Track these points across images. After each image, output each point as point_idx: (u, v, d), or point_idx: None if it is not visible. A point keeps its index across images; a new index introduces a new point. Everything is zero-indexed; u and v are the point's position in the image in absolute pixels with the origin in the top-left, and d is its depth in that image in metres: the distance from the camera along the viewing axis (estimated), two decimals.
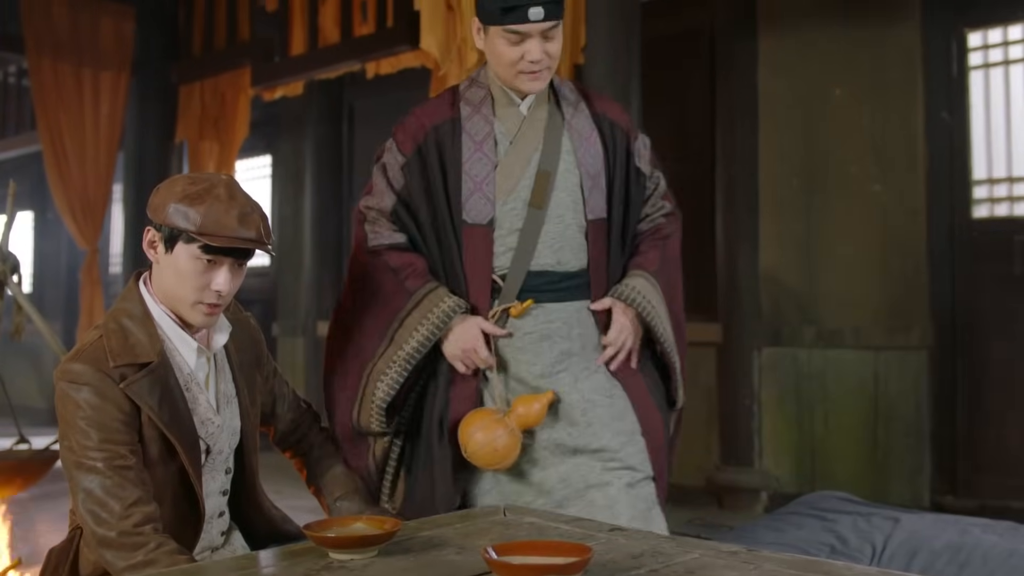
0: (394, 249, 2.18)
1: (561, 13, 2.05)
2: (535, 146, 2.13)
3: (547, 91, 2.17)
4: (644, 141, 2.30)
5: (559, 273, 2.13)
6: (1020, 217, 4.27)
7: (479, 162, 2.11)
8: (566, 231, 2.13)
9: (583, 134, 2.17)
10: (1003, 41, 4.34)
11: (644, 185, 2.26)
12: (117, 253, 8.51)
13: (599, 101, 2.24)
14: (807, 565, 1.47)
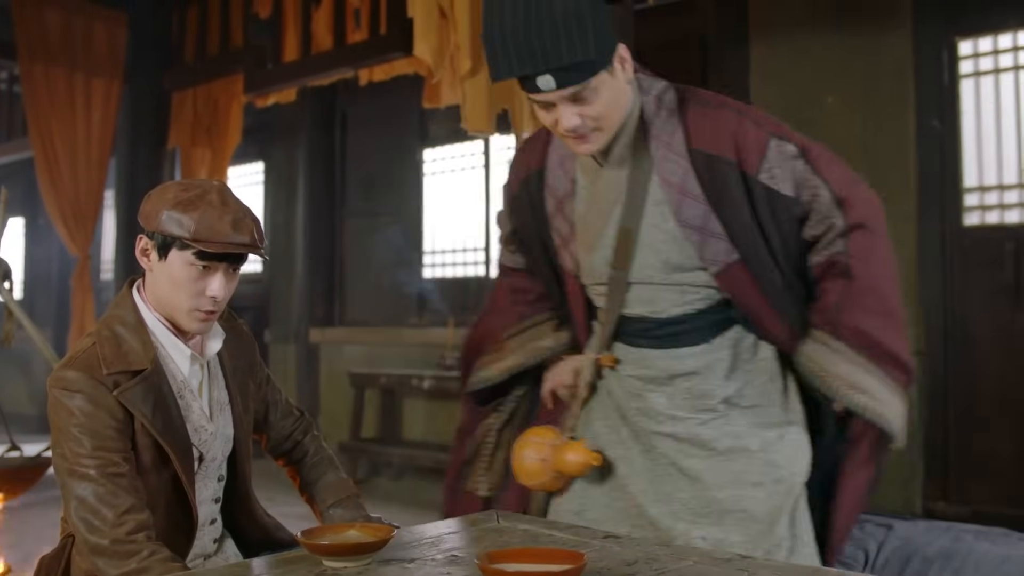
0: (514, 271, 2.15)
1: (590, 73, 1.70)
2: (615, 199, 1.87)
3: (635, 126, 1.85)
4: (779, 155, 1.81)
5: (655, 320, 1.92)
6: (1010, 225, 4.29)
7: (561, 222, 1.98)
8: (655, 288, 1.90)
9: (673, 182, 1.82)
10: (993, 50, 4.36)
11: (792, 207, 1.81)
12: (109, 260, 8.49)
13: (697, 126, 1.82)
14: (801, 572, 1.48)
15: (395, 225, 6.85)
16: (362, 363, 6.74)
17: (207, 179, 1.82)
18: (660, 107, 1.85)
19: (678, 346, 1.90)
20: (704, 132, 1.80)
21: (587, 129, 1.76)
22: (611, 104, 1.76)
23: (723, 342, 1.90)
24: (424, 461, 6.04)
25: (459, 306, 6.37)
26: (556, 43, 1.65)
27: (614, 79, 1.75)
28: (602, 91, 1.73)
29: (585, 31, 1.64)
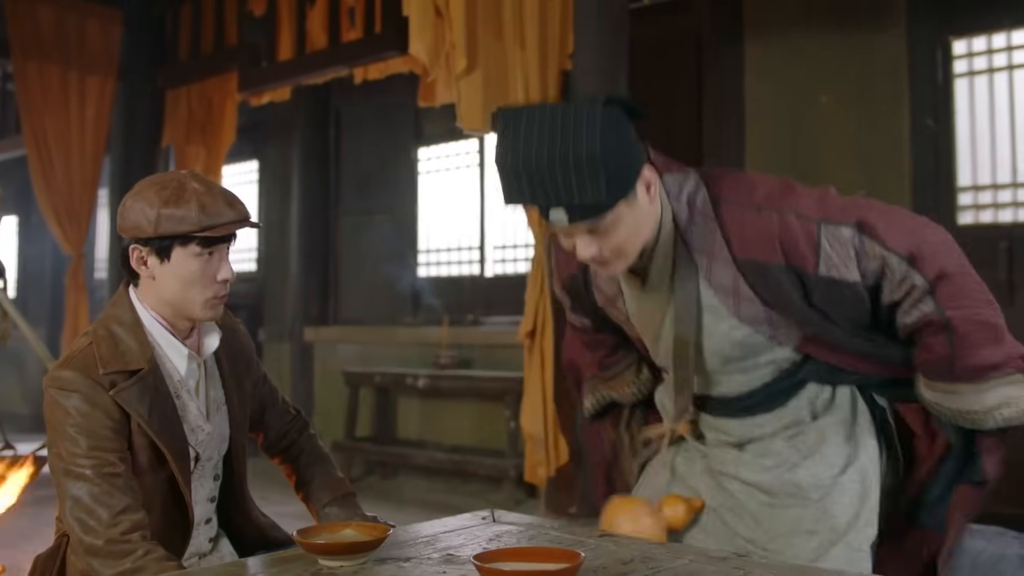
0: (583, 330, 2.12)
1: (605, 208, 1.62)
2: (665, 308, 1.82)
3: (671, 238, 1.77)
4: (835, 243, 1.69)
5: (725, 398, 1.89)
6: (1005, 224, 4.30)
7: (616, 312, 1.94)
8: (719, 375, 1.86)
9: (726, 287, 1.75)
10: (987, 49, 4.37)
11: (859, 288, 1.71)
12: (103, 258, 8.47)
13: (739, 235, 1.72)
14: (797, 572, 1.48)
15: (390, 224, 6.85)
16: (357, 362, 6.74)
17: (169, 172, 1.82)
18: (693, 212, 1.75)
19: (754, 415, 1.88)
20: (746, 240, 1.72)
21: (606, 258, 1.70)
22: (631, 233, 1.68)
23: (800, 403, 1.87)
24: (419, 460, 6.04)
25: (454, 305, 6.37)
26: (568, 182, 1.59)
27: (634, 208, 1.67)
28: (620, 222, 1.66)
29: (598, 174, 1.58)
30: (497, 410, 5.72)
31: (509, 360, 5.74)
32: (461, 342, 6.17)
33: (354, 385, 6.45)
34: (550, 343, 4.76)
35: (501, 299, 6.16)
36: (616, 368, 2.10)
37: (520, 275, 6.00)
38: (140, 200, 1.74)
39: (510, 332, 5.63)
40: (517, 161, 1.61)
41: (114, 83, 7.05)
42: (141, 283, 1.79)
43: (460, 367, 6.07)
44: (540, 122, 1.60)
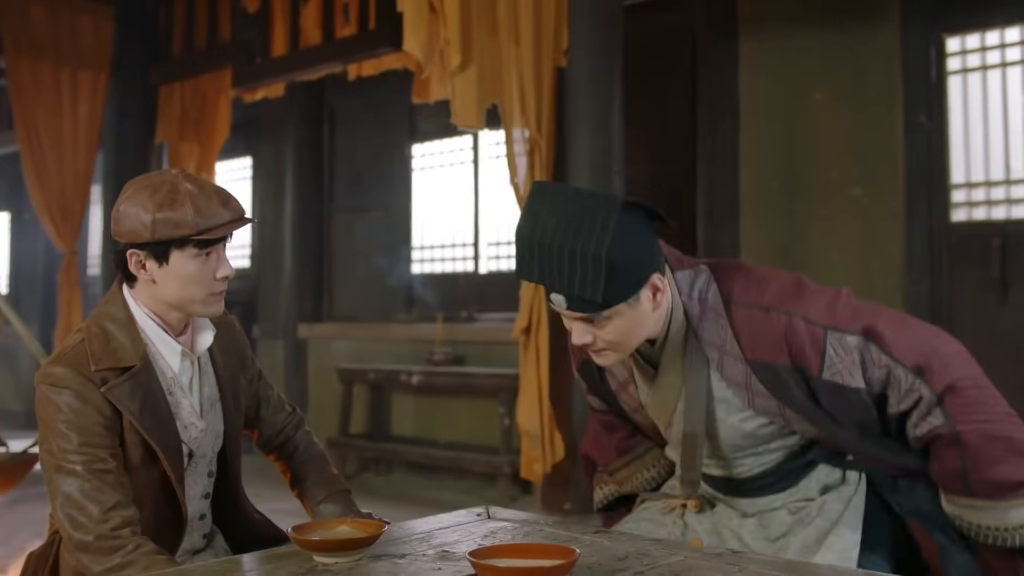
0: (602, 412, 2.15)
1: (604, 307, 1.66)
2: (676, 398, 1.84)
3: (682, 327, 1.80)
4: (840, 350, 1.71)
5: (736, 479, 1.90)
6: (998, 221, 4.31)
7: (627, 398, 1.97)
8: (730, 462, 1.89)
9: (738, 382, 1.77)
10: (981, 46, 4.38)
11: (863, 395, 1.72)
12: (96, 255, 8.45)
13: (747, 335, 1.75)
14: (791, 567, 1.48)
15: (384, 220, 6.84)
16: (351, 359, 6.73)
17: (159, 172, 1.80)
18: (705, 308, 1.78)
19: (765, 495, 1.88)
20: (755, 340, 1.74)
21: (599, 348, 1.74)
22: (627, 331, 1.72)
23: (810, 484, 1.87)
24: (413, 457, 6.04)
25: (448, 301, 6.37)
26: (571, 275, 1.64)
27: (635, 309, 1.70)
28: (616, 320, 1.70)
29: (599, 277, 1.62)
30: (491, 407, 5.72)
31: (503, 357, 5.74)
32: (455, 339, 6.16)
33: (348, 382, 6.44)
34: (545, 340, 4.76)
35: (495, 296, 6.15)
36: (635, 452, 2.12)
37: (514, 272, 5.99)
38: (134, 205, 1.73)
39: (504, 329, 5.63)
40: (532, 239, 1.67)
41: (107, 79, 7.03)
42: (139, 285, 1.79)
43: (454, 364, 6.07)
44: (562, 207, 1.66)
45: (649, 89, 5.29)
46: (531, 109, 4.75)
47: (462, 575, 1.44)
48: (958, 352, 1.72)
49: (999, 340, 4.27)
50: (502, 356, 5.77)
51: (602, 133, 4.72)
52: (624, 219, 1.64)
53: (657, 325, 1.77)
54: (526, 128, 4.77)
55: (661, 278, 1.72)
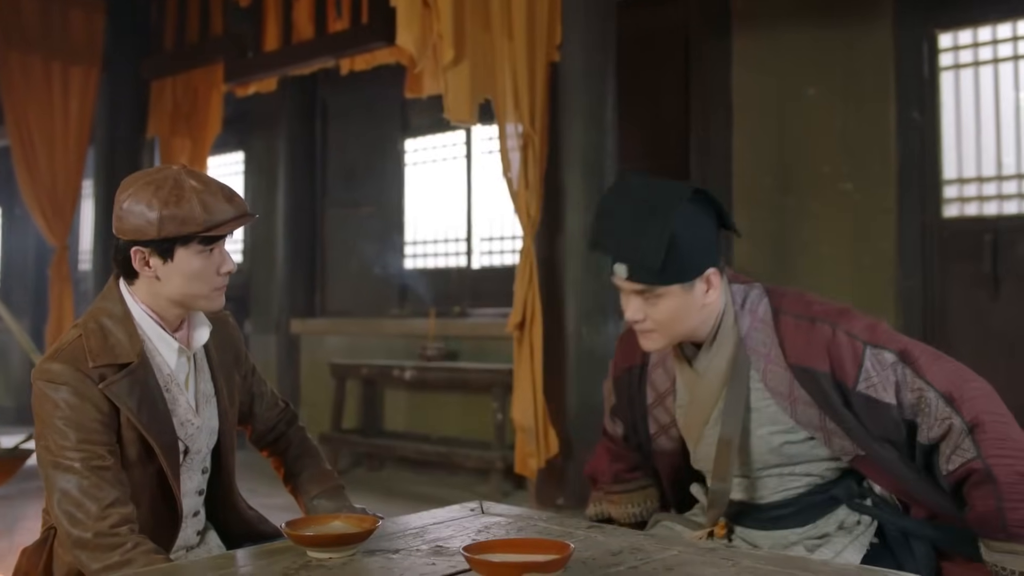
0: (613, 439, 2.19)
1: (660, 281, 1.78)
2: (713, 403, 1.91)
3: (731, 334, 1.89)
4: (876, 364, 1.78)
5: (758, 505, 1.94)
6: (989, 216, 4.33)
7: (662, 413, 2.02)
8: (756, 480, 1.93)
9: (783, 391, 1.84)
10: (973, 42, 4.39)
11: (894, 413, 1.77)
12: (87, 250, 8.42)
13: (791, 341, 1.84)
14: (785, 561, 1.49)
15: (376, 215, 6.83)
16: (343, 354, 6.73)
17: (159, 168, 1.80)
18: (755, 319, 1.88)
19: (782, 528, 1.91)
20: (799, 347, 1.83)
21: (645, 327, 1.84)
22: (673, 315, 1.82)
23: (828, 522, 1.90)
24: (406, 452, 6.04)
25: (441, 296, 6.37)
26: (635, 244, 1.77)
27: (687, 295, 1.81)
28: (668, 300, 1.81)
29: (661, 249, 1.75)
30: (484, 402, 5.72)
31: (496, 352, 5.74)
32: (448, 334, 6.16)
33: (341, 377, 6.43)
34: (539, 335, 4.77)
35: (488, 291, 6.15)
36: (628, 486, 2.16)
37: (507, 267, 6.00)
38: (138, 202, 1.72)
39: (497, 324, 5.63)
40: (610, 211, 1.84)
41: (98, 74, 7.00)
42: (140, 282, 1.78)
43: (447, 359, 6.07)
44: (640, 189, 1.84)
45: (642, 84, 5.29)
46: (524, 104, 4.75)
47: (456, 570, 1.45)
48: (987, 391, 1.75)
49: (990, 335, 4.29)
50: (495, 351, 5.78)
51: (595, 128, 4.73)
52: (693, 207, 1.79)
53: (705, 323, 1.86)
54: (519, 123, 4.77)
55: (716, 275, 1.83)
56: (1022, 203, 4.27)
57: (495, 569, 1.32)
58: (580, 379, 4.73)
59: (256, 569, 1.49)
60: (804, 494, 1.89)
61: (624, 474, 2.17)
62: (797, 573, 1.41)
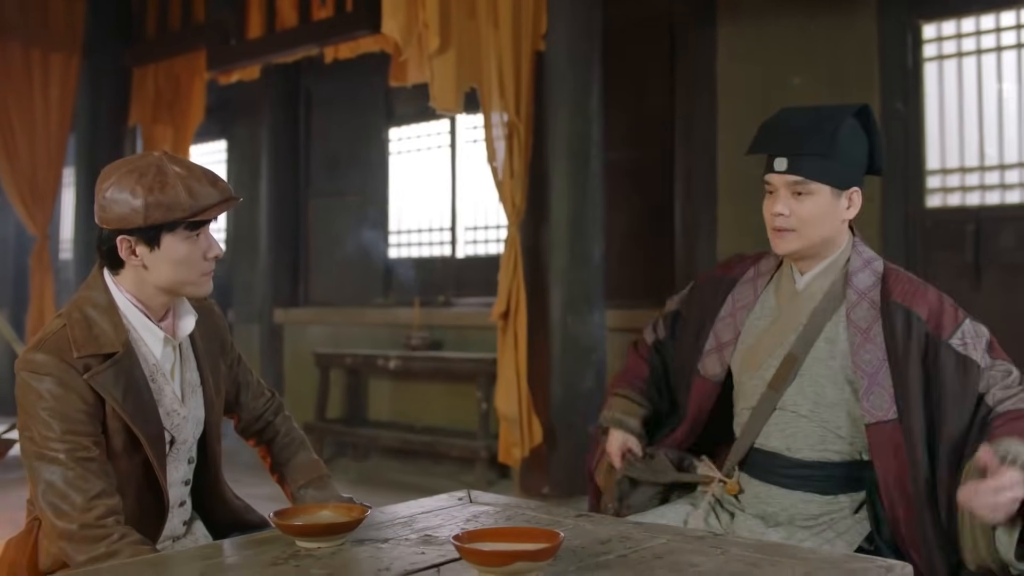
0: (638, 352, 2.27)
1: (816, 177, 1.89)
2: (795, 328, 1.97)
3: (840, 270, 1.97)
4: (974, 331, 1.86)
5: (789, 459, 1.95)
6: (972, 207, 4.35)
7: (727, 327, 2.07)
8: (800, 421, 1.94)
9: (862, 327, 1.90)
10: (957, 33, 4.41)
11: (977, 377, 1.83)
12: (68, 239, 8.35)
13: (901, 286, 1.92)
14: (772, 549, 1.49)
15: (360, 204, 6.81)
16: (327, 343, 6.71)
17: (140, 155, 1.79)
18: (867, 266, 1.98)
19: (804, 490, 1.93)
20: (904, 291, 1.92)
21: (787, 224, 1.93)
22: (817, 216, 1.92)
23: (847, 500, 1.93)
24: (390, 441, 6.04)
25: (425, 286, 6.35)
26: (805, 137, 1.91)
27: (833, 202, 1.92)
28: (816, 200, 1.91)
29: (829, 143, 1.89)
30: (469, 391, 5.72)
31: (480, 341, 5.74)
32: (432, 323, 6.16)
33: (325, 367, 6.42)
34: (523, 324, 4.77)
35: (472, 280, 6.15)
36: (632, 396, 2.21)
37: (491, 256, 5.99)
38: (122, 190, 1.70)
39: (481, 313, 5.62)
40: (777, 118, 2.01)
41: (78, 61, 6.93)
42: (126, 271, 1.77)
43: (431, 348, 6.06)
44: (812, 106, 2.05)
45: (627, 73, 5.28)
46: (510, 93, 4.74)
47: (446, 559, 1.45)
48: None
49: None
50: (479, 341, 5.77)
51: (581, 117, 4.73)
52: (857, 123, 1.95)
53: (834, 242, 1.96)
54: (505, 112, 4.76)
55: (859, 197, 1.95)
56: (1004, 193, 4.30)
57: (486, 558, 1.33)
58: (564, 368, 4.74)
59: (244, 559, 1.48)
60: (839, 463, 1.92)
61: (631, 383, 2.22)
62: (784, 561, 1.42)
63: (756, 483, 1.97)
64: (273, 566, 1.43)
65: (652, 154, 5.28)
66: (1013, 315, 4.24)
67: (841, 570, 1.38)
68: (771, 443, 1.96)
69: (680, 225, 5.12)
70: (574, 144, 4.72)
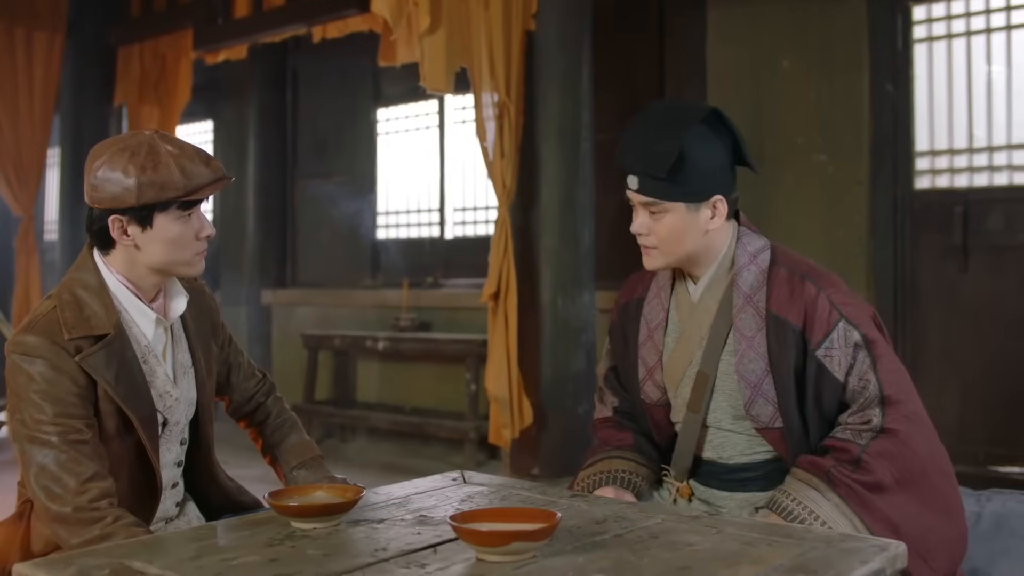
0: (603, 424, 2.17)
1: (665, 196, 1.86)
2: (699, 343, 1.96)
3: (727, 273, 1.95)
4: (842, 339, 1.85)
5: (724, 465, 1.98)
6: (960, 188, 4.37)
7: (650, 351, 2.04)
8: (724, 434, 1.97)
9: (746, 335, 1.90)
10: (946, 15, 4.41)
11: (836, 389, 1.85)
12: (53, 220, 8.29)
13: (778, 290, 1.91)
14: (768, 528, 1.50)
15: (348, 185, 6.78)
16: (315, 324, 6.70)
17: (131, 134, 1.76)
18: (752, 263, 1.95)
19: (745, 491, 1.96)
20: (782, 298, 1.90)
21: (649, 242, 1.92)
22: (675, 233, 1.89)
23: None
24: (378, 423, 6.04)
25: (414, 267, 6.34)
26: (647, 153, 1.86)
27: (692, 216, 1.88)
28: (672, 217, 1.88)
29: (670, 159, 1.82)
30: (458, 373, 5.72)
31: (469, 323, 5.73)
32: (421, 304, 6.15)
33: (313, 348, 6.41)
34: (514, 305, 4.77)
35: (461, 261, 6.14)
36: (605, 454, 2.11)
37: (480, 237, 5.98)
38: (113, 169, 1.69)
39: (470, 295, 5.62)
40: (633, 126, 1.93)
41: (63, 40, 6.86)
42: (117, 251, 1.75)
43: (420, 330, 6.06)
44: (666, 107, 2.01)
45: (616, 54, 5.27)
46: (500, 73, 4.72)
47: (442, 539, 1.45)
48: (921, 420, 1.85)
49: (960, 307, 4.34)
50: (468, 322, 5.77)
51: (571, 97, 4.71)
52: (707, 130, 1.88)
53: (707, 251, 1.93)
54: (495, 92, 4.74)
55: (723, 203, 1.89)
56: (992, 175, 4.31)
57: (484, 538, 1.33)
58: (554, 349, 4.75)
59: (240, 540, 1.48)
60: (770, 459, 1.94)
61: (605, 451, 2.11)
62: (780, 540, 1.43)
63: (702, 488, 2.01)
64: (269, 547, 1.43)
65: None
66: (1000, 297, 4.26)
67: (836, 549, 1.38)
68: (705, 454, 1.99)
69: None
70: (564, 125, 4.71)
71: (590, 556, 1.35)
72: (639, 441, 2.08)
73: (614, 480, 2.01)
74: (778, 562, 1.32)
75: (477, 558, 1.34)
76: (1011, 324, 4.23)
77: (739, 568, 1.29)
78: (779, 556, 1.34)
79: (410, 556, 1.37)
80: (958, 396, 4.32)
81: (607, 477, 2.02)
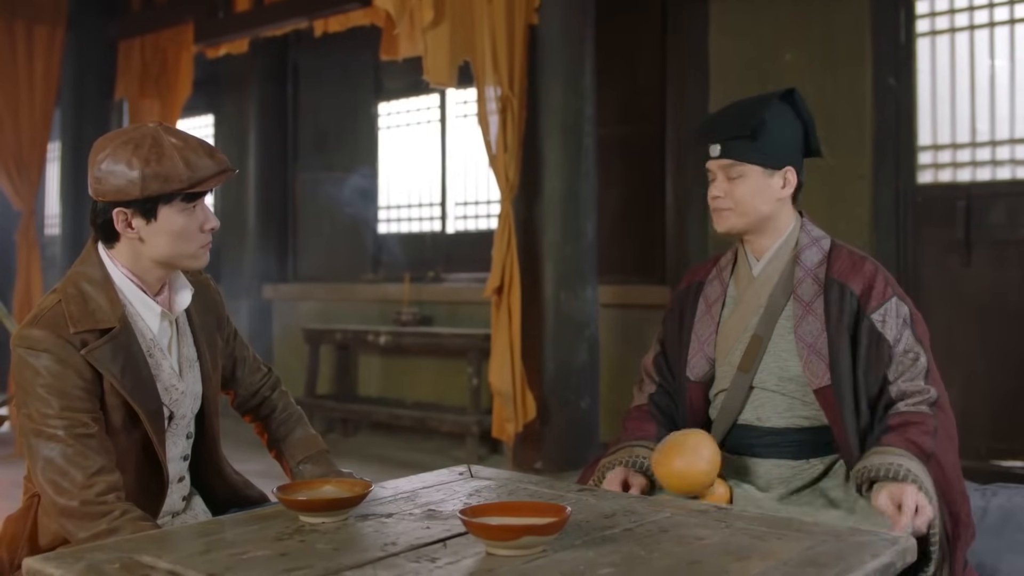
0: (633, 414, 2.21)
1: (745, 159, 2.04)
2: (755, 310, 2.10)
3: (791, 251, 2.11)
4: (895, 310, 2.02)
5: (760, 428, 2.07)
6: (963, 183, 4.36)
7: (706, 324, 2.17)
8: (767, 394, 2.07)
9: (805, 300, 2.06)
10: (950, 9, 4.40)
11: (885, 352, 2.00)
12: (54, 214, 8.28)
13: (840, 262, 2.08)
14: (777, 522, 1.50)
15: (350, 179, 6.77)
16: (317, 319, 6.69)
17: (134, 127, 1.76)
18: (815, 244, 2.12)
19: (777, 457, 2.05)
20: (843, 267, 2.08)
21: (724, 204, 2.08)
22: (751, 194, 2.06)
23: (817, 463, 2.04)
24: (380, 417, 6.04)
25: (415, 261, 6.34)
26: (733, 121, 2.07)
27: (766, 181, 2.06)
28: (749, 180, 2.05)
29: (753, 121, 2.03)
30: (460, 367, 5.72)
31: (471, 317, 5.73)
32: (422, 299, 6.15)
33: (314, 342, 6.41)
34: (517, 299, 4.76)
35: (463, 256, 6.14)
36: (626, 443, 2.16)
37: (482, 231, 5.98)
38: (117, 162, 1.68)
39: (471, 289, 5.61)
40: (717, 112, 2.17)
41: (63, 33, 6.83)
42: (121, 244, 1.75)
43: (421, 324, 6.06)
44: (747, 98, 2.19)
45: (619, 48, 5.26)
46: (503, 67, 4.71)
47: (452, 533, 1.45)
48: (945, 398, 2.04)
49: (962, 301, 4.34)
50: (469, 316, 5.77)
51: (574, 91, 4.71)
52: (785, 106, 2.10)
53: (775, 221, 2.09)
54: (498, 86, 4.73)
55: (794, 174, 2.08)
56: (995, 170, 4.31)
57: (494, 532, 1.33)
58: (557, 344, 4.74)
59: (249, 534, 1.48)
60: (806, 428, 2.04)
61: (629, 438, 2.16)
62: (789, 534, 1.43)
63: (733, 458, 2.07)
64: (278, 541, 1.43)
65: (643, 129, 5.26)
66: (1002, 291, 4.26)
67: (846, 543, 1.38)
68: (744, 416, 2.08)
69: (672, 201, 5.12)
70: (567, 119, 4.70)
71: (600, 550, 1.35)
72: (662, 434, 2.10)
73: (627, 464, 2.07)
74: (788, 556, 1.32)
75: (487, 552, 1.34)
76: (1013, 318, 4.23)
77: (749, 562, 1.29)
78: (789, 550, 1.34)
79: (420, 550, 1.37)
80: (960, 390, 4.31)
81: (621, 462, 2.08)
